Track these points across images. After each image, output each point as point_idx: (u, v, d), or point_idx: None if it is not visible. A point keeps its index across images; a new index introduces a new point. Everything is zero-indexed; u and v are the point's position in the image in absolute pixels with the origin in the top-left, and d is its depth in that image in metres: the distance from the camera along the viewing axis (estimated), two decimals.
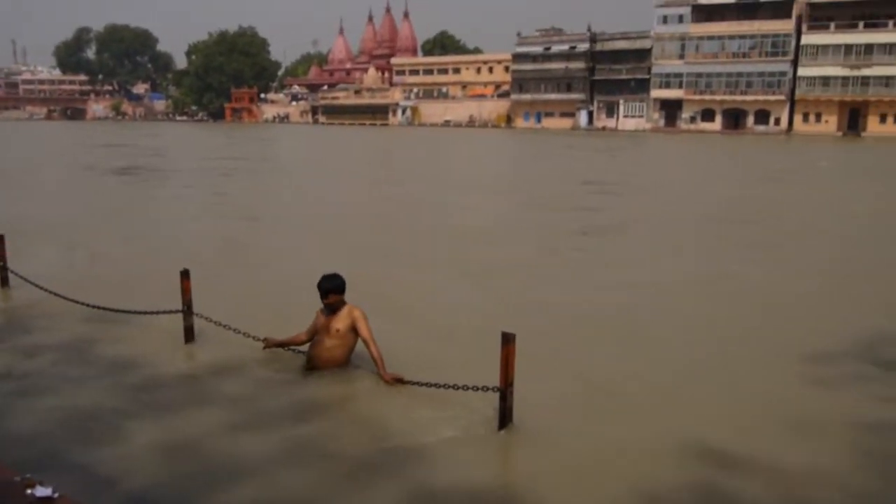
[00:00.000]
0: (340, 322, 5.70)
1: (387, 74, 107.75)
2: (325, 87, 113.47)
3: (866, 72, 66.77)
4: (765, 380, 6.02)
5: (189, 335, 6.41)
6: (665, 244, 12.52)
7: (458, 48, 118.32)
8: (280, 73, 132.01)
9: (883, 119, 66.99)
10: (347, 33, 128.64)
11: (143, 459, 4.43)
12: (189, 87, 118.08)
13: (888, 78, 65.99)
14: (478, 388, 4.95)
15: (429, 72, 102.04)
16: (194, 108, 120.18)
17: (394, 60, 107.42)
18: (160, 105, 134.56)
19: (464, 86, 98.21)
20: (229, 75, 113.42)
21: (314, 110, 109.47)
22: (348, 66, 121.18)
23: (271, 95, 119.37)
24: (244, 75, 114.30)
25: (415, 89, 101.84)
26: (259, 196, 19.38)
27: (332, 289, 5.72)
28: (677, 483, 4.29)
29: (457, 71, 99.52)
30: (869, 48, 66.62)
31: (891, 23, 66.05)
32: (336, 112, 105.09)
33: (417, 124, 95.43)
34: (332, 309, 5.76)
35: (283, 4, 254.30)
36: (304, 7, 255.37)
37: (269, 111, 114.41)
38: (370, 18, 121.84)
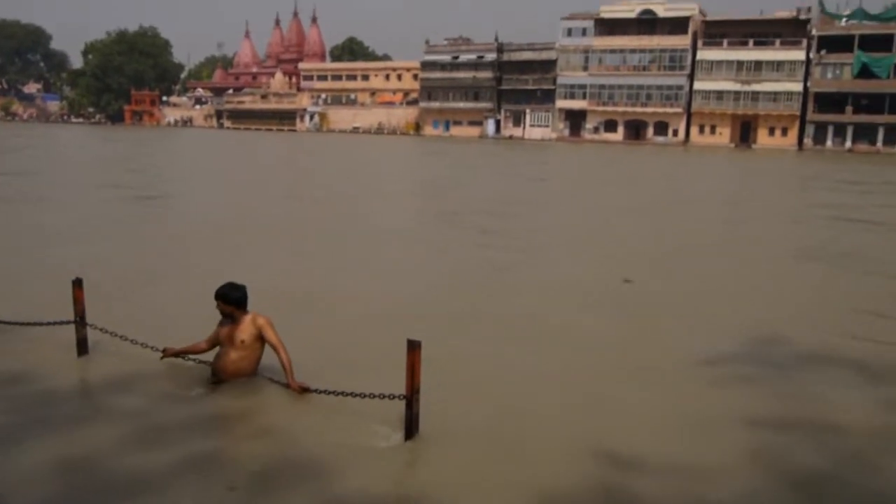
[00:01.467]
0: (245, 332, 5.56)
1: (294, 79, 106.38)
2: (231, 91, 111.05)
3: (756, 87, 70.37)
4: (662, 381, 6.23)
5: (82, 348, 6.12)
6: (568, 249, 12.82)
7: (367, 55, 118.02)
8: (183, 75, 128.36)
9: (771, 132, 70.74)
10: (254, 37, 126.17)
11: (31, 478, 4.21)
12: (86, 87, 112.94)
13: (775, 93, 69.78)
14: (384, 396, 4.94)
15: (337, 78, 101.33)
16: (91, 110, 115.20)
17: (302, 65, 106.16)
18: (54, 106, 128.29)
19: (373, 92, 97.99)
20: (129, 76, 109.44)
21: (219, 114, 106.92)
22: (255, 70, 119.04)
23: (174, 98, 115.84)
24: (145, 77, 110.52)
25: (323, 95, 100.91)
26: (157, 205, 18.71)
27: (231, 299, 5.59)
28: (580, 484, 4.38)
29: (366, 77, 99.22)
30: (758, 65, 70.25)
31: (777, 41, 69.88)
32: (242, 117, 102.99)
33: (326, 130, 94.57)
34: (232, 319, 5.63)
35: (186, 5, 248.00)
36: (208, 9, 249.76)
37: (171, 114, 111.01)
38: (277, 22, 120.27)
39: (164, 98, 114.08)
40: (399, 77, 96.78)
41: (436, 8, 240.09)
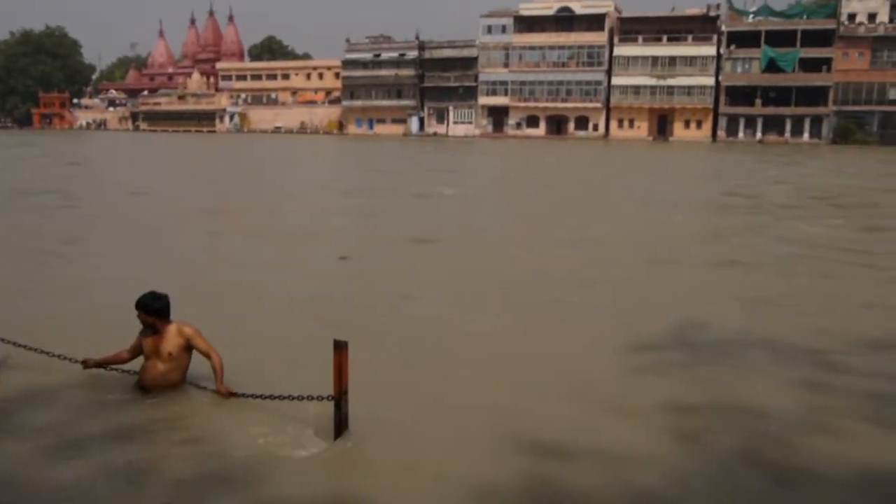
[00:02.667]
0: (171, 344, 5.40)
1: (212, 80, 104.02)
2: (146, 93, 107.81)
3: (671, 81, 72.45)
4: (587, 370, 6.38)
5: None
6: (485, 241, 12.94)
7: (287, 54, 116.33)
8: (95, 76, 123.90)
9: (686, 125, 72.97)
10: (168, 37, 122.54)
11: None
12: None
13: (689, 87, 72.00)
14: (312, 398, 4.90)
15: (257, 77, 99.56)
16: None
17: (219, 65, 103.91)
18: None
19: (294, 92, 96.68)
20: (35, 78, 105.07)
21: (134, 116, 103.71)
22: (170, 70, 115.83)
23: (85, 101, 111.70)
24: (53, 79, 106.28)
25: (243, 95, 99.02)
26: (64, 216, 17.93)
27: (152, 309, 5.42)
28: (510, 475, 4.45)
29: (286, 77, 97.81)
30: (672, 60, 72.35)
31: (689, 37, 72.13)
32: (159, 118, 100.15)
33: (247, 131, 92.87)
34: (154, 329, 5.48)
35: (96, 5, 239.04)
36: (119, 8, 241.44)
37: (83, 117, 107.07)
38: (192, 22, 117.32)
39: (76, 100, 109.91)
40: (320, 76, 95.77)
41: (355, 7, 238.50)
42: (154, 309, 5.42)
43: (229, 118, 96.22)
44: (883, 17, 66.38)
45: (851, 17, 66.95)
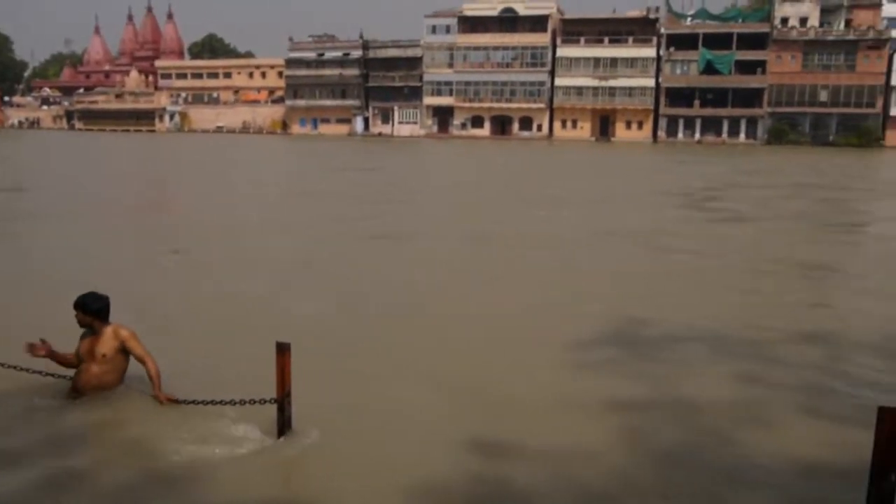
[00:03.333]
0: (106, 346, 5.27)
1: (152, 78, 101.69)
2: (82, 91, 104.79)
3: (613, 83, 73.57)
4: (532, 367, 6.45)
5: None
6: (434, 245, 12.97)
7: (229, 52, 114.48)
8: (27, 73, 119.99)
9: (628, 125, 74.21)
10: (105, 33, 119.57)
11: None
12: None
13: (630, 89, 73.22)
14: (255, 402, 4.84)
15: (198, 76, 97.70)
16: None
17: (158, 63, 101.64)
18: None
19: (236, 91, 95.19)
20: None
21: (70, 115, 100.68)
22: (107, 68, 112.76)
23: (17, 98, 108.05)
24: None
25: (183, 94, 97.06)
26: None
27: (91, 309, 5.29)
28: (455, 474, 4.47)
29: (228, 75, 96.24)
30: (614, 62, 73.50)
31: (630, 39, 73.39)
32: (95, 117, 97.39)
33: (188, 130, 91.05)
34: (92, 330, 5.34)
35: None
36: (53, 3, 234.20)
37: (15, 116, 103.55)
38: (130, 18, 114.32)
39: (7, 98, 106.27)
40: (263, 75, 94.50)
41: (298, 5, 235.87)
42: (93, 309, 5.29)
43: (169, 117, 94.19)
44: (814, 21, 68.59)
45: (784, 21, 69.00)
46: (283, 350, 4.60)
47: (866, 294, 9.80)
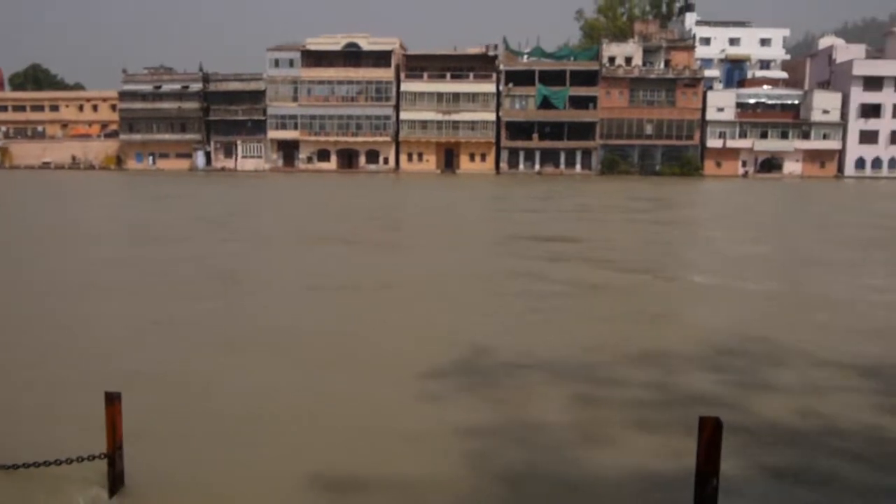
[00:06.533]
0: None
1: None
2: None
3: (456, 117, 75.64)
4: (377, 399, 6.43)
5: None
6: (261, 279, 12.75)
7: (55, 83, 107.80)
8: None
9: (472, 158, 76.38)
10: None
11: None
12: None
13: (473, 122, 75.58)
14: (83, 459, 4.51)
15: (20, 108, 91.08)
16: None
17: None
18: None
19: (65, 125, 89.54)
20: None
21: None
22: None
23: None
24: None
25: (3, 128, 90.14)
26: None
27: None
28: None
29: (55, 108, 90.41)
30: (457, 96, 75.65)
31: (471, 75, 75.88)
32: None
33: (9, 166, 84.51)
34: None
35: None
36: None
37: None
38: None
39: None
40: (95, 108, 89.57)
41: (131, 36, 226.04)
42: None
43: None
44: (637, 60, 73.84)
45: (612, 59, 73.83)
46: (112, 400, 4.36)
47: (695, 304, 10.54)
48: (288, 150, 79.21)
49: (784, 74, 78.82)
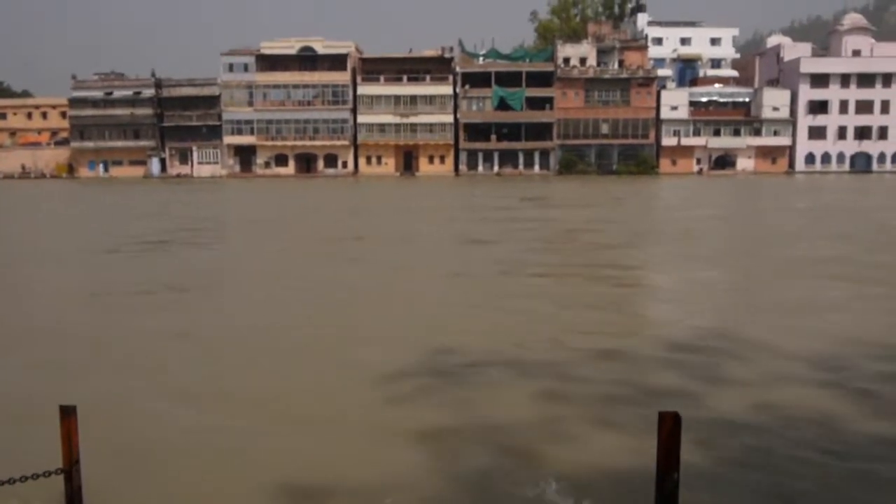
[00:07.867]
0: None
1: None
2: None
3: (414, 119, 75.65)
4: (341, 405, 6.40)
5: None
6: (215, 283, 12.63)
7: (2, 91, 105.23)
8: None
9: (431, 160, 76.46)
10: None
11: None
12: None
13: (431, 125, 75.64)
14: (38, 475, 4.37)
15: None
16: None
17: None
18: None
19: (13, 133, 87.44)
20: None
21: None
22: None
23: None
24: None
25: None
26: None
27: None
28: None
29: (2, 116, 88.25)
30: (414, 99, 75.66)
31: (428, 77, 75.95)
32: None
33: None
34: None
35: None
36: None
37: None
38: None
39: None
40: (44, 115, 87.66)
41: (78, 41, 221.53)
42: None
43: None
44: (592, 61, 74.58)
45: (566, 60, 74.47)
46: (68, 414, 4.24)
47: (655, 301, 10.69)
48: (245, 155, 78.42)
49: (735, 73, 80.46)
